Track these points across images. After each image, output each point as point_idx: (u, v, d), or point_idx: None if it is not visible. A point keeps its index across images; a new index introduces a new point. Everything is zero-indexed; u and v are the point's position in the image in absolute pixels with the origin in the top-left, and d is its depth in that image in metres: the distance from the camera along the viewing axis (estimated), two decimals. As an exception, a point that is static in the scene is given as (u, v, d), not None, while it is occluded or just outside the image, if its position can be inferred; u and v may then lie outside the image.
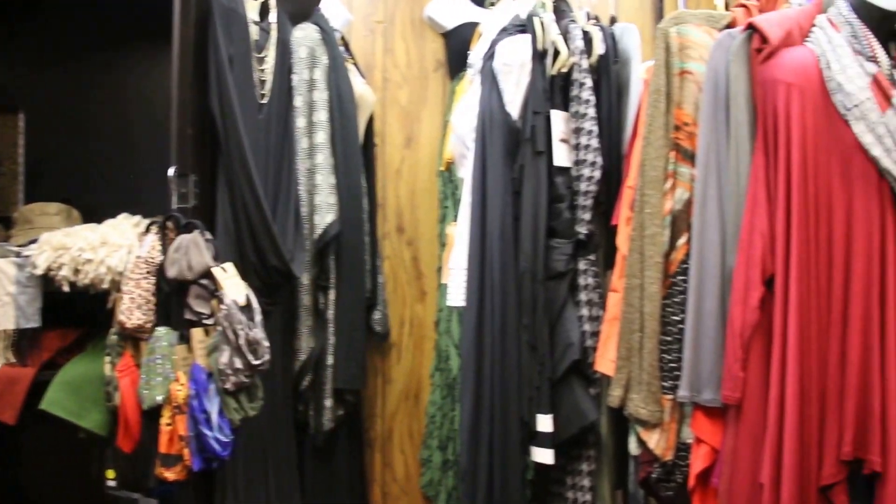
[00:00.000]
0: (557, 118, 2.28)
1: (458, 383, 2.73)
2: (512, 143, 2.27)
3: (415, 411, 3.12)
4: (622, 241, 2.13)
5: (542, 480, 2.40)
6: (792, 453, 1.77)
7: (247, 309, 2.07)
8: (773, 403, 1.79)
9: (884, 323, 1.81)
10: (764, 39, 1.85)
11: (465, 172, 2.40)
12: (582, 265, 2.29)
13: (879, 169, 1.79)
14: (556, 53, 2.30)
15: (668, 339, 2.02)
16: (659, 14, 2.94)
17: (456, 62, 2.97)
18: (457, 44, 2.98)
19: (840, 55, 1.81)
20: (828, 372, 1.82)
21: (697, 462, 1.95)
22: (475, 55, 2.51)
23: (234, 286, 2.07)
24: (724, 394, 1.85)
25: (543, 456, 2.24)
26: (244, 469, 2.38)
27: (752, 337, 1.83)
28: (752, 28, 1.88)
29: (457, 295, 2.36)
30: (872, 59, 1.81)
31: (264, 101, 2.50)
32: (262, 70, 2.51)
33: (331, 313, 2.67)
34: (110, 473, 2.21)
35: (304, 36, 2.65)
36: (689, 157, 2.02)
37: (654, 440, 2.04)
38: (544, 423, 2.23)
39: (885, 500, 1.79)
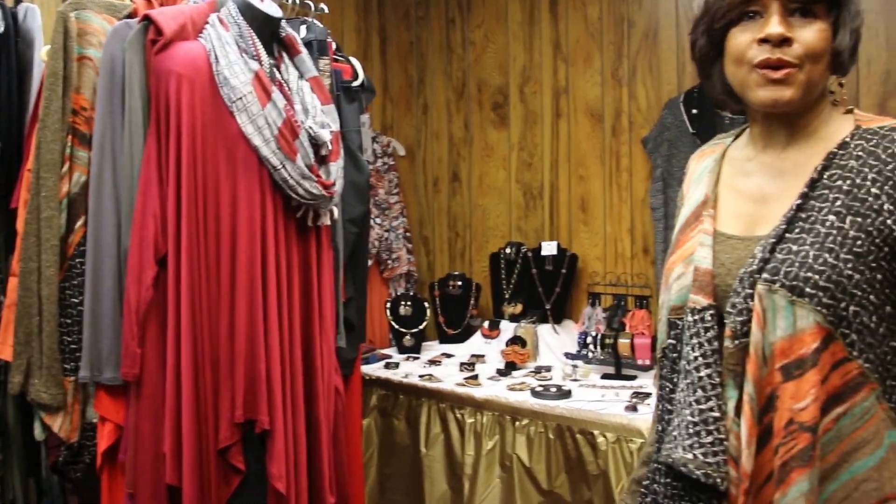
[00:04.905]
0: (-55, 96, 2.15)
1: None
2: None
3: None
4: (21, 224, 2.09)
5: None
6: (190, 422, 1.92)
7: None
8: (170, 377, 1.92)
9: (266, 293, 2.03)
10: (159, 31, 1.95)
11: None
12: (-24, 250, 2.20)
13: (259, 157, 2.00)
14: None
15: (69, 321, 2.06)
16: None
17: None
18: None
19: (227, 52, 1.97)
20: (220, 342, 1.99)
21: (103, 440, 2.00)
22: None
23: None
24: (123, 371, 1.93)
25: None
26: None
27: (147, 314, 1.93)
28: (147, 19, 1.97)
29: None
30: (256, 57, 2.01)
31: None
32: None
33: None
34: None
35: None
36: (87, 142, 2.07)
37: (58, 423, 2.05)
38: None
39: (274, 454, 2.02)
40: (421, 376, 3.34)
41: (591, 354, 3.26)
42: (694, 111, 3.28)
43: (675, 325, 1.27)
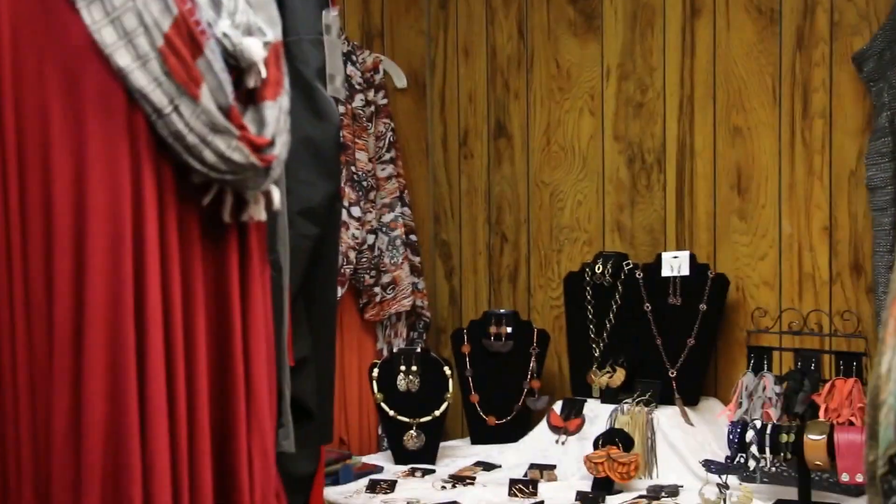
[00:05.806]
0: None
1: None
2: None
3: None
4: None
5: None
6: None
7: None
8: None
9: (143, 350, 2.01)
10: None
11: None
12: None
13: (128, 90, 1.97)
14: None
15: None
16: None
17: None
18: None
19: None
20: (54, 443, 1.95)
21: None
22: None
23: None
24: None
25: None
26: None
27: None
28: None
29: None
30: None
31: None
32: None
33: None
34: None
35: None
36: None
37: None
38: None
39: None
40: (438, 507, 3.41)
41: (753, 463, 3.31)
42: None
43: None
